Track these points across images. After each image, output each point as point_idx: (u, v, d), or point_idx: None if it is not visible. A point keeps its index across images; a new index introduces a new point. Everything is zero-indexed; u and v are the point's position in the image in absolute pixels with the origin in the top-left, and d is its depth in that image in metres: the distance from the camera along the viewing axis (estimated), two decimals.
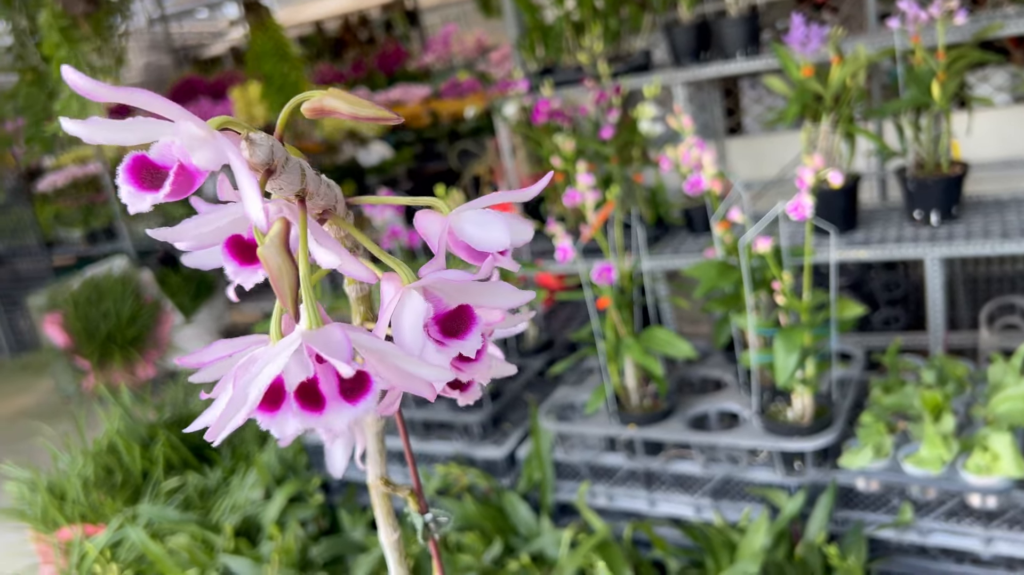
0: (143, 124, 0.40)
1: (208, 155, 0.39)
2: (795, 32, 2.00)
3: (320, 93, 0.44)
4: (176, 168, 0.40)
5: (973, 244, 1.87)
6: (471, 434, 1.94)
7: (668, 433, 1.68)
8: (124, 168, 0.39)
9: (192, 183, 0.40)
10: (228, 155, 0.39)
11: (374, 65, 5.10)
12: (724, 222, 1.71)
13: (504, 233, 0.45)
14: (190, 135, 0.39)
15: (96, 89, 0.37)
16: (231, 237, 0.46)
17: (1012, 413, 1.47)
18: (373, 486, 0.65)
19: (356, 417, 0.38)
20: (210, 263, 0.52)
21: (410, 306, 0.41)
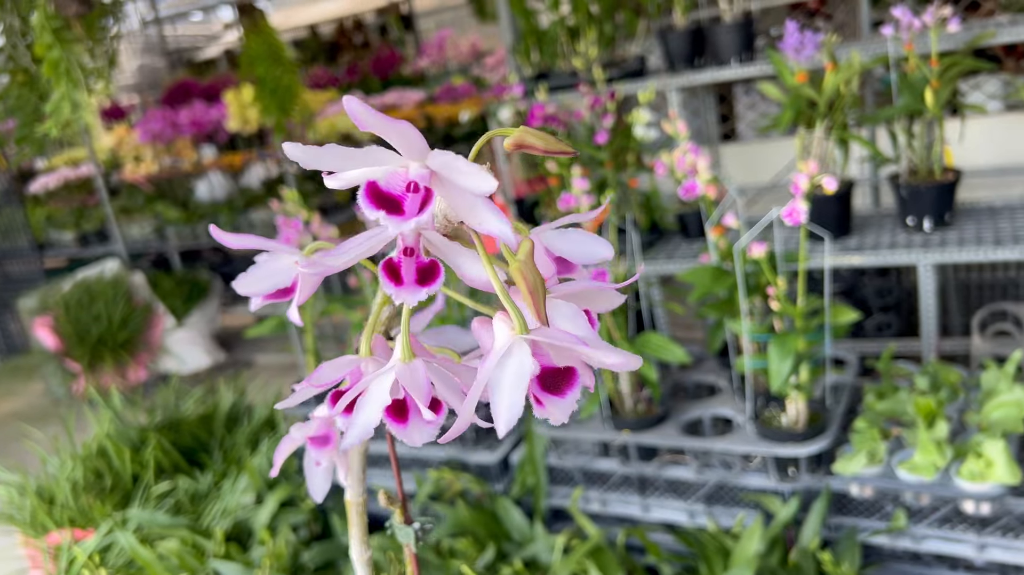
0: (375, 154, 0.43)
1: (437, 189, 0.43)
2: (789, 39, 2.01)
3: (517, 131, 0.45)
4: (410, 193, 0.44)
5: (966, 251, 1.87)
6: (464, 439, 1.93)
7: (662, 438, 1.67)
8: (364, 194, 0.43)
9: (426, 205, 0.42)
10: (474, 195, 0.42)
11: (369, 69, 5.09)
12: (718, 227, 1.71)
13: (607, 247, 0.49)
14: (418, 172, 0.42)
15: (370, 119, 0.40)
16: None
17: (1005, 420, 1.47)
18: (353, 504, 0.65)
19: (432, 435, 0.46)
20: None
21: (517, 358, 0.41)
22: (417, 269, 0.43)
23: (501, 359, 0.40)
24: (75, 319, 3.79)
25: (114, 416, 2.59)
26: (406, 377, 0.44)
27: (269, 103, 3.21)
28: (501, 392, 0.40)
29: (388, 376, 0.45)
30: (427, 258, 0.43)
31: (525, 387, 0.40)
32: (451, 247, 0.45)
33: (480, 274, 0.45)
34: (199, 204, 4.05)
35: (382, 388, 0.44)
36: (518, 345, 0.40)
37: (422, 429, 0.45)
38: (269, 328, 2.09)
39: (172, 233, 4.10)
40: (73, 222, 4.46)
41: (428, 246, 0.44)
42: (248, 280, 0.55)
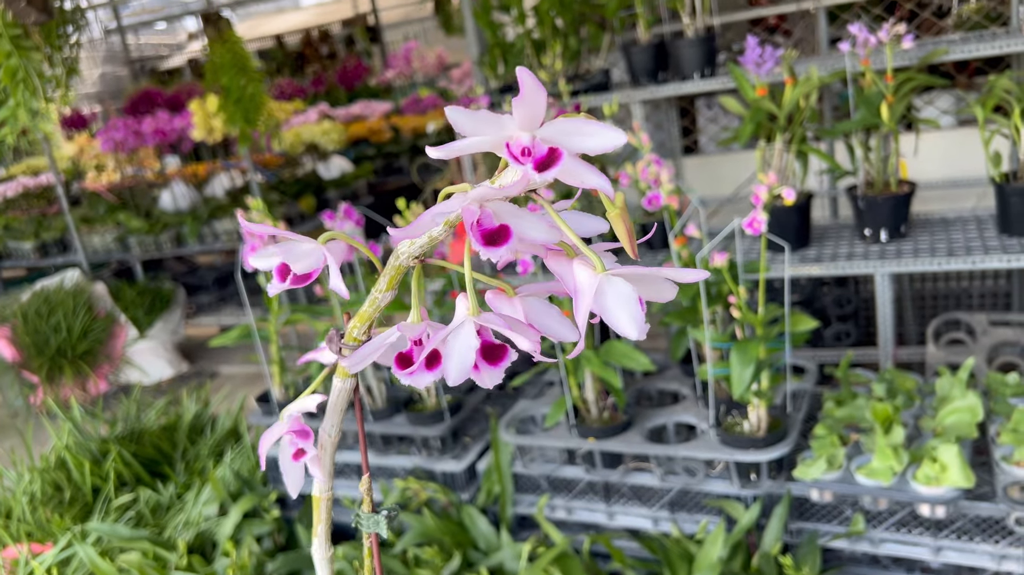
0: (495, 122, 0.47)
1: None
2: (750, 54, 2.05)
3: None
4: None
5: (921, 261, 1.92)
6: (430, 448, 1.94)
7: (627, 446, 1.69)
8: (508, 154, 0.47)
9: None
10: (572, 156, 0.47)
11: (335, 80, 5.09)
12: (681, 237, 1.74)
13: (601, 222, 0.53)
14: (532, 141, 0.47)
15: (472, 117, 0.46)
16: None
17: (959, 425, 1.51)
18: (321, 499, 0.65)
19: (500, 378, 0.50)
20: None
21: (619, 290, 0.47)
22: (484, 233, 0.47)
23: (601, 288, 0.46)
24: (34, 330, 3.72)
25: (73, 428, 2.55)
26: (491, 320, 0.49)
27: (234, 112, 3.19)
28: (615, 309, 0.46)
29: (468, 327, 0.49)
30: (495, 223, 0.48)
31: (636, 303, 0.47)
32: (516, 213, 0.49)
33: (543, 236, 0.49)
34: (162, 214, 4.00)
35: (466, 336, 0.49)
36: (609, 280, 0.46)
37: (491, 372, 0.50)
38: (233, 338, 2.08)
39: (135, 243, 4.05)
40: (32, 232, 4.39)
41: (495, 215, 0.48)
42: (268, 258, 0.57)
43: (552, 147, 0.45)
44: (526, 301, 0.53)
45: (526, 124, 0.45)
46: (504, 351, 0.50)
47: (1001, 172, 1.95)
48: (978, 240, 1.99)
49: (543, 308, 0.53)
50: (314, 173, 4.33)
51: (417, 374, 0.50)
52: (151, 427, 2.61)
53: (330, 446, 0.65)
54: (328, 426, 0.64)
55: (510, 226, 0.47)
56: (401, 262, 0.53)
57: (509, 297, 0.53)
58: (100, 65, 6.93)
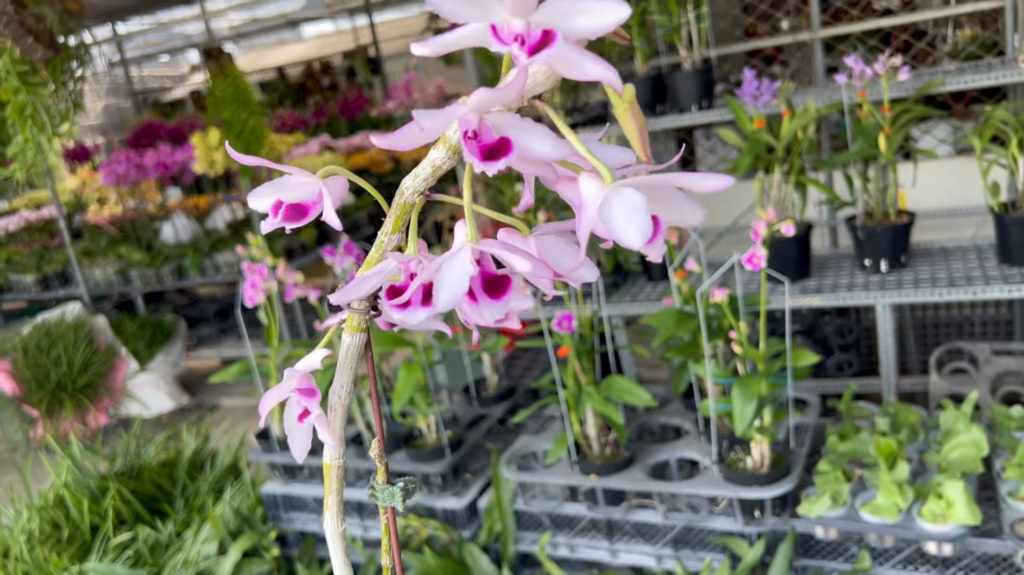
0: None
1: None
2: (747, 86, 2.07)
3: None
4: None
5: (922, 291, 1.92)
6: (431, 484, 1.92)
7: (629, 482, 1.68)
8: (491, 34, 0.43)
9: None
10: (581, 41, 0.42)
11: (336, 111, 5.12)
12: (681, 271, 1.74)
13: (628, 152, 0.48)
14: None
15: None
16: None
17: (964, 460, 1.50)
18: (332, 467, 0.60)
19: (502, 313, 0.45)
20: None
21: (626, 199, 0.41)
22: (482, 148, 0.43)
23: (608, 199, 0.41)
24: (34, 363, 3.72)
25: (72, 464, 2.53)
26: (492, 247, 0.44)
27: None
28: (620, 220, 0.41)
29: (464, 252, 0.45)
30: (495, 136, 0.43)
31: (646, 212, 0.41)
32: (520, 123, 0.44)
33: (549, 151, 0.44)
34: (164, 246, 4.01)
35: (461, 263, 0.44)
36: (617, 190, 0.41)
37: (491, 306, 0.45)
38: (233, 374, 2.07)
39: (136, 275, 4.05)
40: (34, 265, 4.39)
41: (495, 128, 0.44)
42: (273, 189, 0.54)
43: (546, 30, 0.41)
44: (542, 239, 0.49)
45: (519, 9, 0.41)
46: (507, 282, 0.45)
47: (1000, 202, 1.95)
48: (978, 270, 1.99)
49: (560, 246, 0.48)
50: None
51: (411, 308, 0.46)
52: (151, 463, 2.59)
53: (340, 408, 0.60)
54: (338, 386, 0.58)
55: (511, 139, 0.43)
56: (406, 199, 0.50)
57: (524, 236, 0.49)
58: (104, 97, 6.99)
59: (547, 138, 0.44)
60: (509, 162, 0.43)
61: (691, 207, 0.45)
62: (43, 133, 2.63)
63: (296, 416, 0.60)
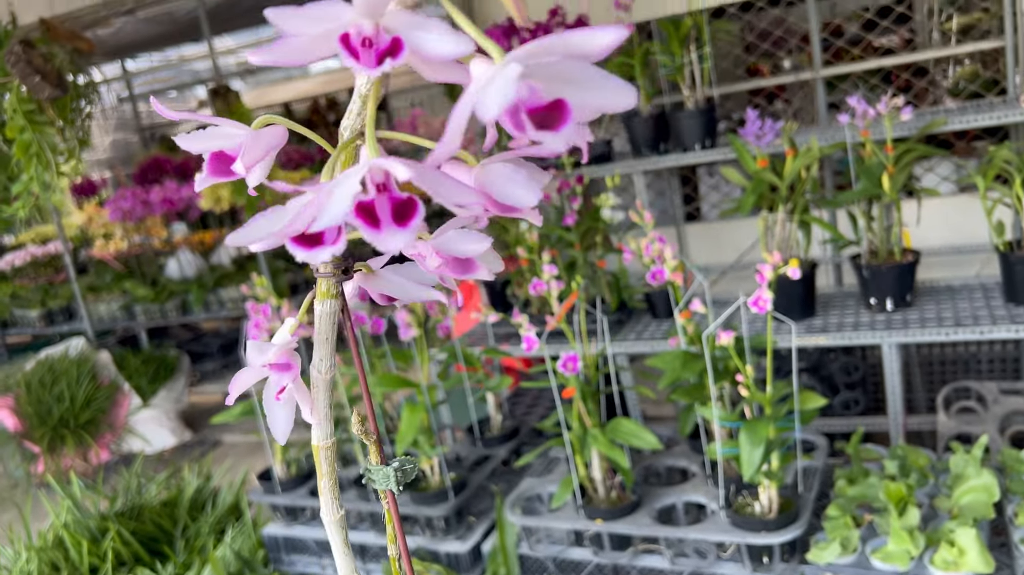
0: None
1: None
2: (750, 126, 2.07)
3: None
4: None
5: (928, 331, 1.91)
6: (434, 528, 1.90)
7: (635, 527, 1.65)
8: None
9: None
10: None
11: None
12: (686, 312, 1.73)
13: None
14: None
15: None
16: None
17: (975, 505, 1.48)
18: (321, 448, 0.55)
19: (408, 241, 0.40)
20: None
21: (504, 76, 0.36)
22: (378, 54, 0.40)
23: (490, 79, 0.36)
24: (36, 399, 3.71)
25: (72, 504, 2.51)
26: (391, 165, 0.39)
27: (241, 183, 3.22)
28: (488, 93, 0.36)
29: (359, 171, 0.40)
30: (387, 38, 0.40)
31: (514, 81, 0.36)
32: (414, 20, 0.40)
33: (448, 47, 0.39)
34: (168, 282, 4.02)
35: (351, 181, 0.39)
36: (504, 67, 0.36)
37: (395, 233, 0.40)
38: (235, 415, 2.06)
39: (140, 311, 4.05)
40: (39, 299, 4.40)
41: (385, 31, 0.40)
42: (194, 139, 0.51)
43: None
44: (488, 169, 0.44)
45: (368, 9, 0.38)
46: (413, 206, 0.40)
47: (1005, 241, 1.94)
48: (985, 309, 1.98)
49: (508, 173, 0.43)
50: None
51: (319, 247, 0.41)
52: (151, 502, 2.57)
53: (323, 384, 0.55)
54: (317, 360, 0.54)
55: (402, 38, 0.39)
56: (348, 136, 0.46)
57: (468, 167, 0.45)
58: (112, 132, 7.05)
59: (445, 33, 0.39)
60: (398, 63, 0.39)
61: (611, 84, 0.38)
62: (48, 171, 2.65)
63: (274, 394, 0.56)
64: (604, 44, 0.36)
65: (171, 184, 3.91)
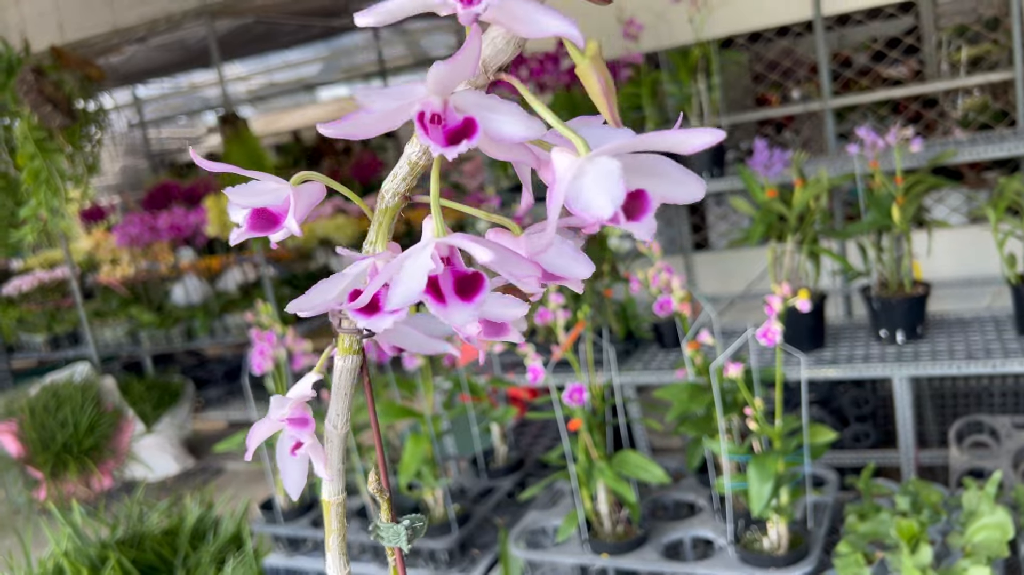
0: None
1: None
2: (759, 156, 2.07)
3: None
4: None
5: (939, 364, 1.88)
6: (438, 561, 1.87)
7: (642, 562, 1.62)
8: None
9: None
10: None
11: (349, 174, 5.17)
12: (694, 342, 1.71)
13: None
14: None
15: None
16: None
17: (989, 543, 1.44)
18: (332, 504, 0.56)
19: (473, 315, 0.40)
20: None
21: (601, 167, 0.37)
22: (447, 132, 0.40)
23: (579, 171, 0.37)
24: (40, 425, 3.69)
25: (73, 532, 2.48)
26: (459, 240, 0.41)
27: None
28: (590, 189, 0.37)
29: (427, 248, 0.40)
30: (459, 118, 0.40)
31: (619, 178, 0.37)
32: (485, 102, 0.40)
33: (520, 131, 0.40)
34: (174, 308, 4.02)
35: (422, 259, 0.40)
36: (592, 160, 0.37)
37: (461, 308, 0.41)
38: (239, 443, 2.04)
39: (145, 336, 4.05)
40: (45, 324, 4.40)
41: (456, 109, 0.40)
42: (240, 195, 0.51)
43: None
44: (533, 239, 0.44)
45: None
46: (479, 281, 0.41)
47: (1017, 273, 1.92)
48: (997, 342, 1.95)
49: (557, 245, 0.44)
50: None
51: (378, 315, 0.42)
52: (153, 530, 2.54)
53: (337, 439, 0.55)
54: (333, 415, 0.54)
55: (476, 119, 0.39)
56: (387, 203, 0.47)
57: (515, 235, 0.45)
58: (121, 158, 7.11)
59: (516, 116, 0.39)
60: (473, 144, 0.39)
61: (688, 179, 0.40)
62: (56, 197, 2.66)
63: (288, 448, 0.56)
64: (698, 144, 0.38)
65: (179, 210, 3.92)
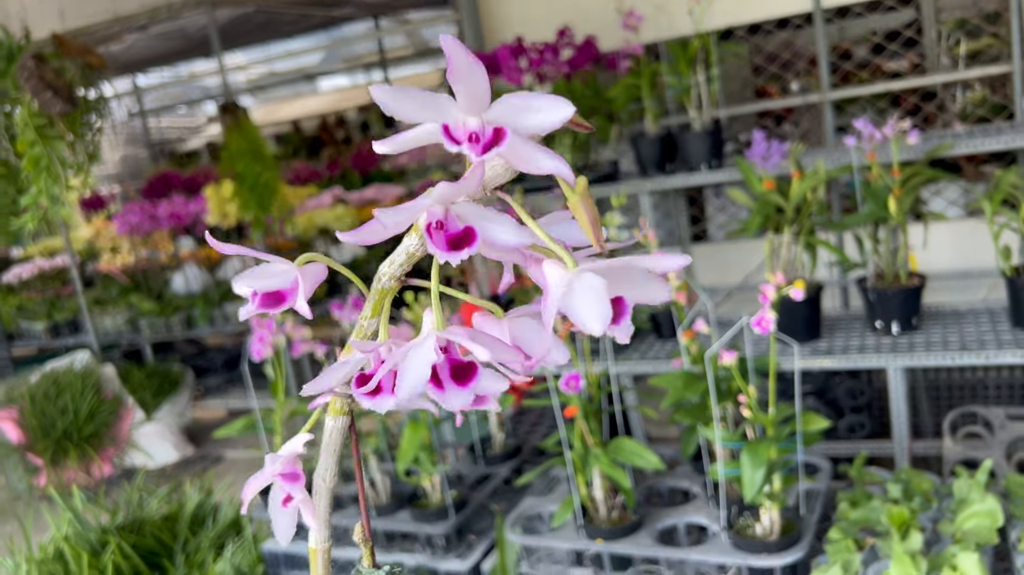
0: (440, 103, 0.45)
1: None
2: (757, 148, 2.08)
3: None
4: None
5: (933, 355, 1.90)
6: (434, 546, 1.89)
7: (636, 547, 1.64)
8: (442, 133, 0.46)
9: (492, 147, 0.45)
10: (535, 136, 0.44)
11: (349, 164, 5.18)
12: (689, 332, 1.73)
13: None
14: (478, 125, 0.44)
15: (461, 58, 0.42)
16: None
17: (979, 530, 1.46)
18: (318, 551, 0.59)
19: (468, 399, 0.46)
20: None
21: (588, 284, 0.42)
22: (448, 238, 0.44)
23: (570, 285, 0.43)
24: (40, 412, 3.71)
25: (73, 517, 2.50)
26: (457, 334, 0.46)
27: (248, 199, 3.24)
28: (582, 307, 0.42)
29: (429, 341, 0.46)
30: (460, 226, 0.45)
31: (606, 299, 0.42)
32: (483, 213, 0.45)
33: (512, 239, 0.45)
34: (174, 296, 4.03)
35: (425, 351, 0.45)
36: (579, 275, 0.43)
37: (457, 393, 0.46)
38: (238, 428, 2.06)
39: (145, 325, 4.06)
40: (45, 312, 4.42)
41: (457, 218, 0.45)
42: (246, 280, 0.55)
43: (497, 127, 0.42)
44: (516, 322, 0.49)
45: (471, 105, 0.42)
46: (473, 369, 0.46)
47: (1012, 266, 1.93)
48: (991, 334, 1.97)
49: (536, 328, 0.49)
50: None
51: (381, 396, 0.47)
52: (153, 516, 2.56)
53: (325, 492, 0.60)
54: (322, 469, 0.58)
55: (475, 228, 0.44)
56: (383, 285, 0.51)
57: (498, 319, 0.50)
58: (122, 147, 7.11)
59: (510, 227, 0.45)
60: (473, 251, 0.44)
61: (657, 286, 0.46)
62: (57, 185, 2.67)
63: (280, 501, 0.60)
64: (669, 267, 0.44)
65: (179, 199, 3.93)
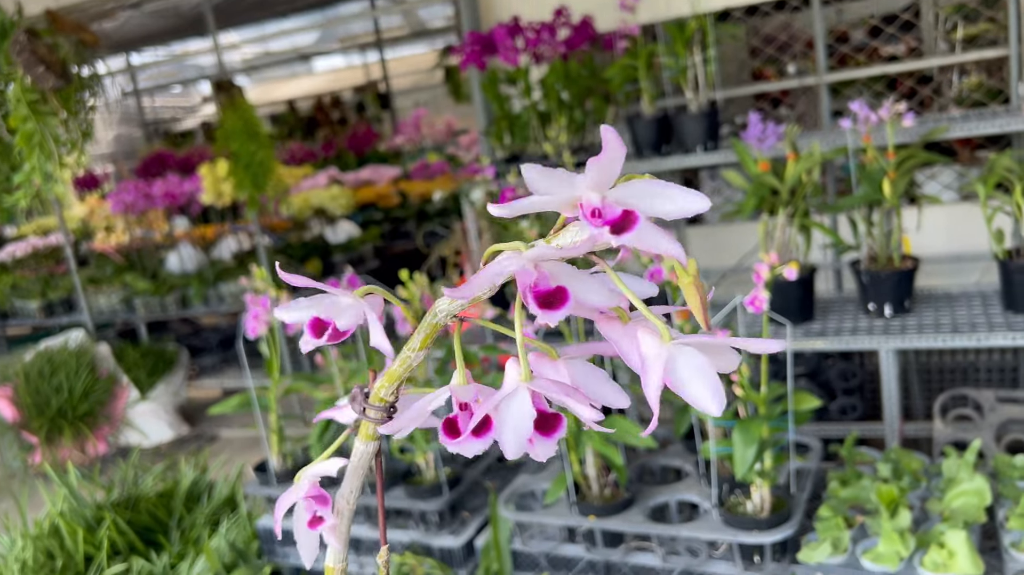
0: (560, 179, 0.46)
1: None
2: (752, 129, 2.08)
3: None
4: None
5: (925, 337, 1.91)
6: (428, 522, 1.90)
7: (628, 524, 1.66)
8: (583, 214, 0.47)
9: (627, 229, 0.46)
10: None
11: (345, 145, 5.17)
12: (683, 312, 1.74)
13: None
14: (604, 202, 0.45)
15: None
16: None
17: (966, 509, 1.48)
18: (336, 570, 0.61)
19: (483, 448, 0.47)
20: None
21: (694, 363, 0.44)
22: (537, 295, 0.45)
23: (671, 359, 0.44)
24: (35, 390, 3.71)
25: (68, 493, 2.51)
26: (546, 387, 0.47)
27: (243, 178, 3.24)
28: (693, 383, 0.44)
29: (522, 394, 0.47)
30: (551, 285, 0.46)
31: (715, 374, 0.44)
32: (574, 274, 0.47)
33: (603, 302, 0.47)
34: (169, 276, 4.03)
35: (521, 404, 0.46)
36: (680, 350, 0.44)
37: (473, 443, 0.47)
38: (233, 406, 2.07)
39: (140, 304, 4.06)
40: (39, 291, 4.41)
41: (551, 276, 0.46)
42: (292, 310, 0.57)
43: (627, 210, 0.43)
44: (571, 364, 0.50)
45: (598, 184, 0.44)
46: (559, 421, 0.47)
47: (1004, 249, 1.94)
48: (983, 316, 1.98)
49: (588, 371, 0.50)
50: (321, 237, 4.37)
51: (466, 442, 0.47)
52: (148, 493, 2.57)
53: (347, 512, 0.60)
54: (346, 491, 0.59)
55: (567, 288, 0.45)
56: (439, 320, 0.51)
57: (553, 360, 0.50)
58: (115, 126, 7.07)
59: (603, 290, 0.47)
60: (567, 312, 0.45)
61: (733, 356, 0.48)
62: (50, 161, 2.66)
63: (306, 522, 0.61)
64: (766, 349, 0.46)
65: (173, 178, 3.92)
